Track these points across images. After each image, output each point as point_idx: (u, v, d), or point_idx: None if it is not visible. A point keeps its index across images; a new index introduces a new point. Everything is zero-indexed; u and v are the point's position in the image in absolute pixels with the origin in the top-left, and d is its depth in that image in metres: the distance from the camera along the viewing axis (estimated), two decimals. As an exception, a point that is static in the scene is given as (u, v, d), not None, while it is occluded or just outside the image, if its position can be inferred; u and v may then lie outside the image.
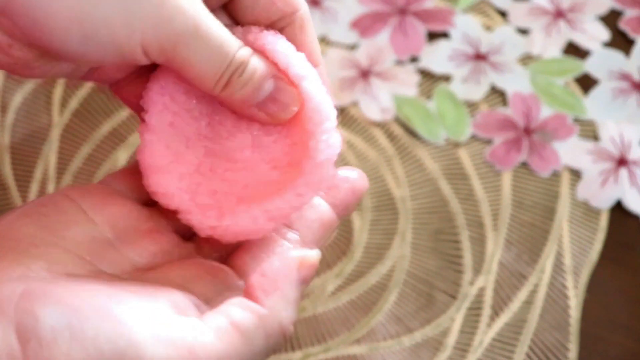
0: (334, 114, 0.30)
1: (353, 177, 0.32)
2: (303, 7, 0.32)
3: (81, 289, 0.25)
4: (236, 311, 0.26)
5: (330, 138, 0.29)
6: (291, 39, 0.32)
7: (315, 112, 0.30)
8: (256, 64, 0.29)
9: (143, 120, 0.31)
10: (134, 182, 0.31)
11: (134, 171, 0.31)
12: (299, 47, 0.31)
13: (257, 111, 0.30)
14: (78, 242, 0.27)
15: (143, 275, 0.28)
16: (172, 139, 0.30)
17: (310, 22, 0.32)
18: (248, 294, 0.27)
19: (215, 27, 0.29)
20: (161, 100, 0.30)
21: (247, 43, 0.30)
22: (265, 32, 0.31)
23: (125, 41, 0.27)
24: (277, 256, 0.28)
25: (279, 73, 0.30)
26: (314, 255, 0.29)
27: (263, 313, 0.26)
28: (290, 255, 0.28)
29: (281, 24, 0.32)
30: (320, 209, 0.31)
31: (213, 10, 0.31)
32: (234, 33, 0.30)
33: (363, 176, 0.33)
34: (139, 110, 0.31)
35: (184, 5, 0.28)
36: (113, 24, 0.27)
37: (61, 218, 0.28)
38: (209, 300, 0.28)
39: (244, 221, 0.28)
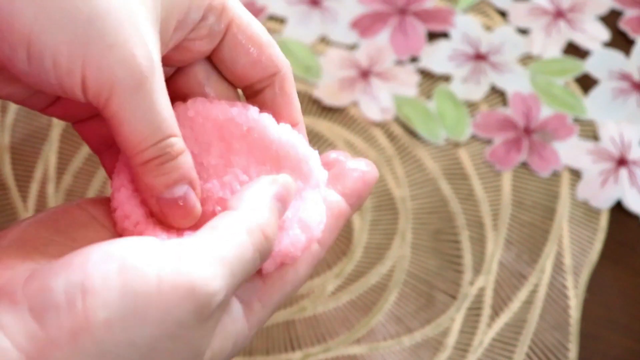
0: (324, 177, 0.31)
1: (362, 167, 0.32)
2: (284, 68, 0.31)
3: (81, 250, 0.25)
4: (214, 220, 0.27)
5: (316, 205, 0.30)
6: (270, 101, 0.31)
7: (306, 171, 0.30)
8: (182, 163, 0.28)
9: (105, 168, 0.31)
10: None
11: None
12: (279, 107, 0.31)
13: (154, 202, 0.29)
14: (88, 242, 0.27)
15: None
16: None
17: (292, 80, 0.32)
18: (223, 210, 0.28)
19: (162, 95, 0.27)
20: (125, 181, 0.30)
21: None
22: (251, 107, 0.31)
23: (65, 73, 0.26)
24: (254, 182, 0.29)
25: (194, 183, 0.29)
26: (284, 178, 0.29)
27: (236, 213, 0.27)
28: (262, 181, 0.29)
29: (261, 85, 0.31)
30: (331, 199, 0.31)
31: (195, 60, 0.30)
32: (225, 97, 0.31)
33: (372, 165, 0.33)
34: (99, 150, 0.31)
35: (137, 57, 0.26)
36: (58, 52, 0.26)
37: (71, 222, 0.28)
38: None
39: None
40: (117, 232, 0.29)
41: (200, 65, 0.31)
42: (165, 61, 0.29)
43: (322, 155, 0.33)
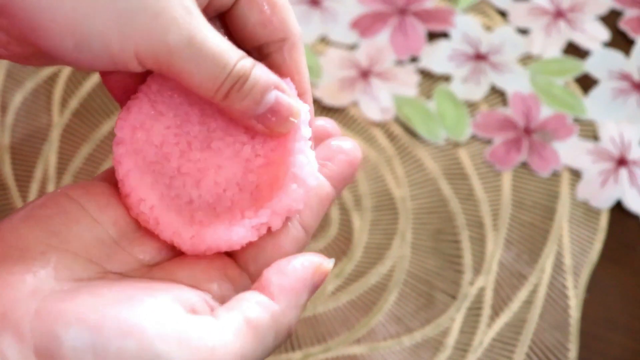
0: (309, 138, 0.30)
1: (347, 147, 0.32)
2: (295, 35, 0.31)
3: (95, 300, 0.25)
4: (251, 308, 0.26)
5: (309, 163, 0.29)
6: (279, 64, 0.31)
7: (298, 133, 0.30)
8: (257, 76, 0.29)
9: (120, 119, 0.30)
10: None
11: None
12: (286, 72, 0.31)
13: (255, 123, 0.30)
14: (83, 244, 0.27)
15: (150, 272, 0.28)
16: (147, 154, 0.30)
17: (302, 49, 0.32)
18: (262, 287, 0.27)
19: (212, 38, 0.28)
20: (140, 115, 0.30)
21: None
22: None
23: (118, 52, 0.27)
24: (297, 257, 0.28)
25: (280, 85, 0.30)
26: (329, 263, 0.28)
27: (276, 311, 0.26)
28: (310, 259, 0.28)
29: (270, 49, 0.31)
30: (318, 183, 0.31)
31: (210, 19, 0.30)
32: None
33: (356, 146, 0.32)
34: (122, 101, 0.31)
35: (178, 17, 0.27)
36: (106, 35, 0.27)
37: (64, 220, 0.27)
38: (221, 298, 0.28)
39: (225, 233, 0.29)
40: (132, 216, 0.29)
41: (211, 23, 0.31)
42: None
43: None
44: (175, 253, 0.29)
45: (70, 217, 0.28)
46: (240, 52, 0.29)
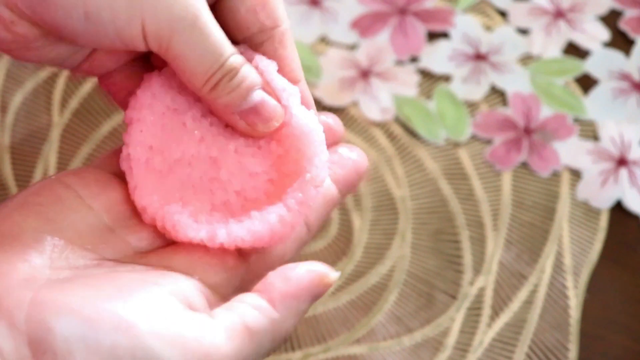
0: (323, 140, 0.30)
1: (355, 155, 0.33)
2: (284, 24, 0.32)
3: (90, 292, 0.25)
4: (249, 312, 0.26)
5: (322, 162, 0.30)
6: (271, 54, 0.31)
7: (306, 135, 0.30)
8: (246, 73, 0.30)
9: (128, 123, 0.31)
10: None
11: None
12: (278, 61, 0.31)
13: (238, 119, 0.30)
14: (78, 231, 0.27)
15: (146, 257, 0.28)
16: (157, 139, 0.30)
17: (292, 39, 0.32)
18: (264, 291, 0.27)
19: (212, 25, 0.29)
20: (148, 113, 0.30)
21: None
22: (257, 54, 0.31)
23: (125, 24, 0.28)
24: (303, 265, 0.27)
25: (267, 86, 0.30)
26: (335, 275, 0.28)
27: (275, 318, 0.26)
28: (316, 268, 0.27)
29: (261, 38, 0.31)
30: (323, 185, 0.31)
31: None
32: None
33: (363, 155, 0.33)
34: (123, 104, 0.31)
35: None
36: (116, 5, 0.27)
37: (58, 207, 0.27)
38: (217, 287, 0.28)
39: (246, 231, 0.29)
40: (138, 210, 0.29)
41: None
42: None
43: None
44: (169, 239, 0.29)
45: (65, 205, 0.28)
46: (233, 48, 0.30)
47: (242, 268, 0.29)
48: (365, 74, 0.58)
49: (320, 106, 0.56)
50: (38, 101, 0.56)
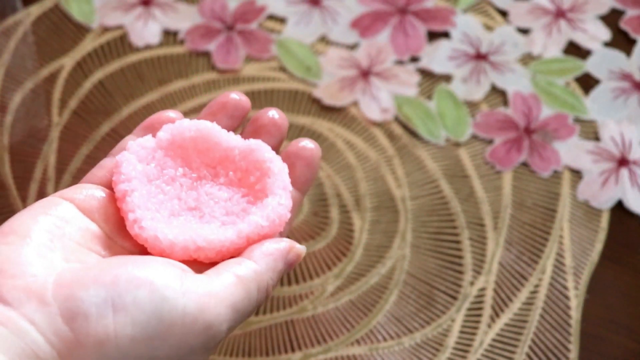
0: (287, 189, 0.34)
1: (304, 152, 0.35)
2: None
3: (106, 265, 0.29)
4: (237, 267, 0.31)
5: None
6: None
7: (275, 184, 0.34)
8: None
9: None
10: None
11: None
12: None
13: None
14: (81, 235, 0.31)
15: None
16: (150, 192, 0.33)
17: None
18: (245, 255, 0.32)
19: None
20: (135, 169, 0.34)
21: None
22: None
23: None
24: (274, 240, 0.33)
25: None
26: (302, 248, 0.33)
27: (258, 269, 0.31)
28: (286, 240, 0.33)
29: None
30: None
31: None
32: None
33: (315, 145, 0.35)
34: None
35: None
36: None
37: (63, 217, 0.31)
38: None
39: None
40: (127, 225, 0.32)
41: None
42: None
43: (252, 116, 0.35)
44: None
45: (67, 215, 0.31)
46: None
47: None
48: (365, 73, 0.58)
49: (320, 106, 0.56)
50: (38, 101, 0.56)
